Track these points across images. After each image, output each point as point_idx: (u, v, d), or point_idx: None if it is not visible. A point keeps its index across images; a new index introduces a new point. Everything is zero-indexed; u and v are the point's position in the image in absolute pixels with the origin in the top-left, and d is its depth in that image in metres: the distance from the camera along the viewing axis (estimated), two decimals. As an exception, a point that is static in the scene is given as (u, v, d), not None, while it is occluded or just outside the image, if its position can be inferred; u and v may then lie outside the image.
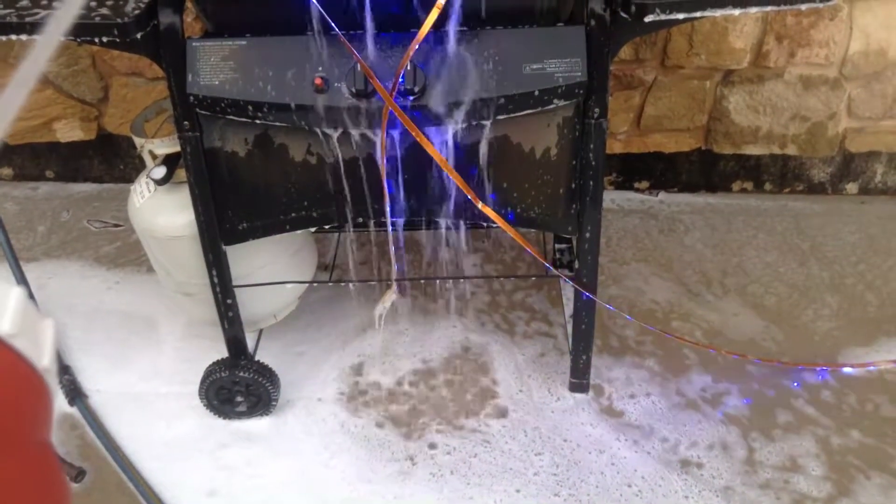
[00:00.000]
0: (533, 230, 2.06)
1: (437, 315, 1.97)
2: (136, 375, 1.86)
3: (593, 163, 1.44)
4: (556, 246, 2.03)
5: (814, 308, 1.99)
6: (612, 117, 2.29)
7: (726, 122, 2.29)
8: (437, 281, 2.04)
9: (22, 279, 1.84)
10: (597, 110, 1.38)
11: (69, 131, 2.46)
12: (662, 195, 2.42)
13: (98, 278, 2.15)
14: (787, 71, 2.20)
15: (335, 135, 1.39)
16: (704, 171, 2.40)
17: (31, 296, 1.91)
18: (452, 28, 1.29)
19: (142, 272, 2.14)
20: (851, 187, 2.40)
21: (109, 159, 2.52)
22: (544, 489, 1.57)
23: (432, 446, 1.67)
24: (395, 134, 1.38)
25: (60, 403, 1.78)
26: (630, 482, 1.57)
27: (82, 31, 1.31)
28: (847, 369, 1.80)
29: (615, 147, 2.36)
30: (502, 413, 1.73)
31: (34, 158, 2.53)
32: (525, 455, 1.64)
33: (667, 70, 2.23)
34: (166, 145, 1.58)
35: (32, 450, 0.44)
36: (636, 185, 2.44)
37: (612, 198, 2.39)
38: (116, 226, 2.35)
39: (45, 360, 0.44)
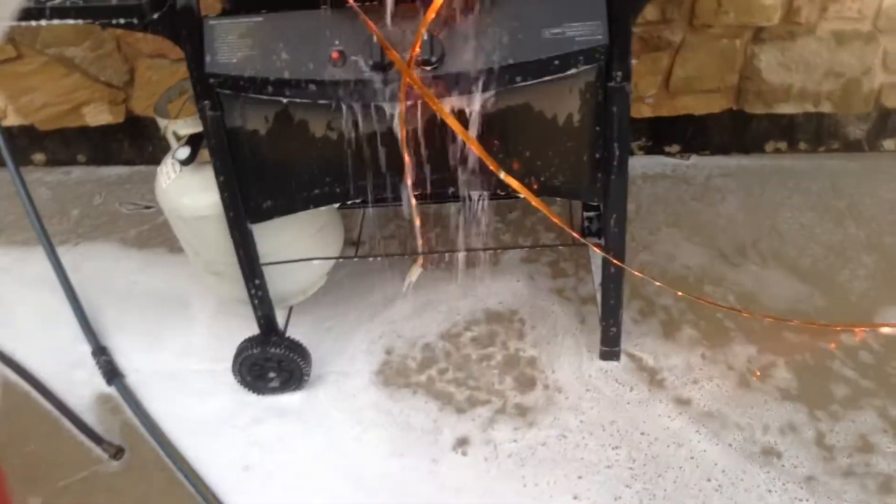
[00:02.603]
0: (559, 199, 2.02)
1: (477, 290, 1.96)
2: (171, 354, 1.89)
3: (617, 128, 1.41)
4: (585, 214, 2.01)
5: (850, 268, 1.94)
6: (640, 80, 2.25)
7: (758, 80, 2.24)
8: (480, 253, 1.97)
9: (57, 263, 1.87)
10: (619, 74, 1.35)
11: (98, 115, 2.48)
12: (694, 158, 2.38)
13: (131, 260, 2.18)
14: (819, 27, 2.13)
15: (354, 108, 1.38)
16: (736, 132, 2.35)
17: (66, 279, 1.90)
18: (468, -5, 1.27)
19: (173, 252, 2.17)
20: (889, 144, 2.34)
21: (139, 142, 2.54)
22: (615, 480, 1.53)
23: (480, 426, 1.66)
24: (415, 105, 1.37)
25: (99, 383, 1.82)
26: (710, 476, 1.52)
27: (100, 13, 1.32)
28: (886, 329, 1.77)
29: (644, 111, 2.32)
30: (574, 407, 1.67)
31: (65, 144, 2.56)
32: (601, 449, 1.59)
33: (695, 30, 2.17)
34: (189, 126, 1.58)
35: None
36: (667, 149, 2.40)
37: (643, 163, 2.35)
38: (148, 207, 2.37)
39: None
